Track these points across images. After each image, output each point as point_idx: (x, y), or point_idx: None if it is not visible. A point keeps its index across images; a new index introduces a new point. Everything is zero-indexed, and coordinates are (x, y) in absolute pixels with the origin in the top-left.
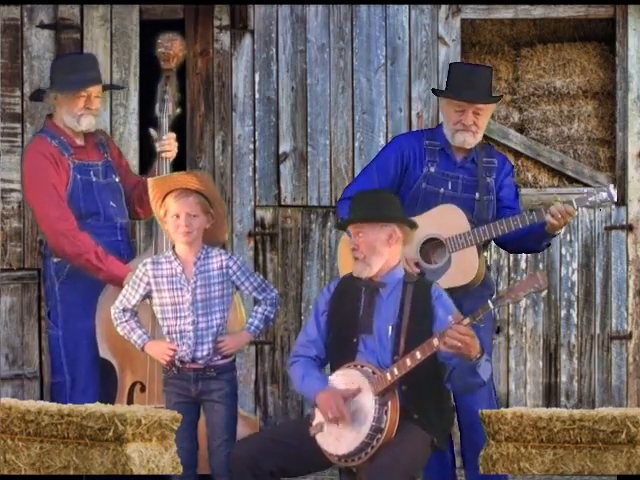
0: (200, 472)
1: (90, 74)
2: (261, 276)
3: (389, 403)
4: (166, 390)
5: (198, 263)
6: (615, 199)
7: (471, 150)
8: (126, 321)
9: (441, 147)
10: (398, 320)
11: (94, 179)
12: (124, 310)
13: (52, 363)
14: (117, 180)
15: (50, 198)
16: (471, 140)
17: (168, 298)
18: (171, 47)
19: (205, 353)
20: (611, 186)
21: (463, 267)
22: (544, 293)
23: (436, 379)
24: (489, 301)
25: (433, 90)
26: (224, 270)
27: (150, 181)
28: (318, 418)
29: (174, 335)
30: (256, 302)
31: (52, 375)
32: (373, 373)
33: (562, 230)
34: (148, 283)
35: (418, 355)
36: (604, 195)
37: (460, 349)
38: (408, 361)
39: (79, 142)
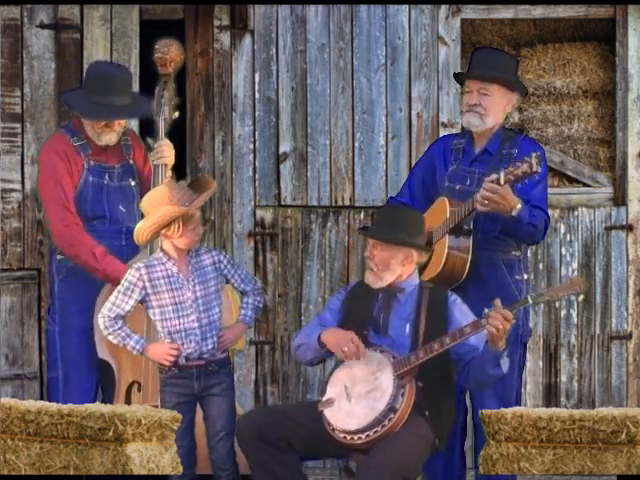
0: (199, 472)
1: (119, 100)
2: (245, 269)
3: (407, 386)
4: (165, 391)
5: (192, 261)
6: (534, 168)
7: (489, 141)
8: (119, 328)
9: (464, 144)
10: (415, 320)
11: (106, 182)
12: (116, 318)
13: (48, 358)
14: (133, 184)
15: (56, 197)
16: (475, 121)
17: (168, 299)
18: (168, 52)
19: (210, 347)
20: (533, 154)
21: (435, 257)
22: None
23: (449, 379)
24: (528, 296)
25: (454, 75)
26: (216, 265)
27: (166, 210)
28: (329, 394)
29: (177, 334)
30: (243, 294)
31: (47, 370)
32: (393, 357)
33: (518, 212)
34: (143, 287)
35: (447, 341)
36: (525, 166)
37: (498, 331)
38: (436, 346)
39: (100, 143)
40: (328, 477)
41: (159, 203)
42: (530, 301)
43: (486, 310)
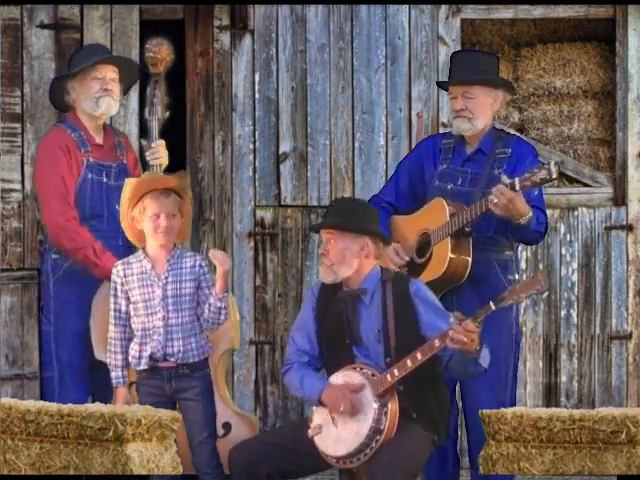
0: (184, 472)
1: (101, 54)
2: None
3: (389, 405)
4: (140, 391)
5: (171, 260)
6: (554, 176)
7: (481, 141)
8: (114, 352)
9: (454, 143)
10: (383, 322)
11: (105, 180)
12: (117, 326)
13: (42, 358)
14: None
15: (56, 190)
16: (465, 126)
17: (139, 295)
18: (159, 52)
19: (176, 350)
20: (552, 162)
21: (436, 260)
22: (545, 294)
23: (434, 376)
24: (491, 302)
25: (437, 84)
26: (196, 269)
27: (129, 181)
28: (317, 420)
29: (144, 332)
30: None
31: (43, 369)
32: (372, 375)
33: (527, 221)
34: (122, 284)
35: (419, 356)
36: (543, 173)
37: (465, 345)
38: (409, 362)
39: (98, 140)
40: (328, 477)
41: None
42: (493, 307)
43: (451, 320)
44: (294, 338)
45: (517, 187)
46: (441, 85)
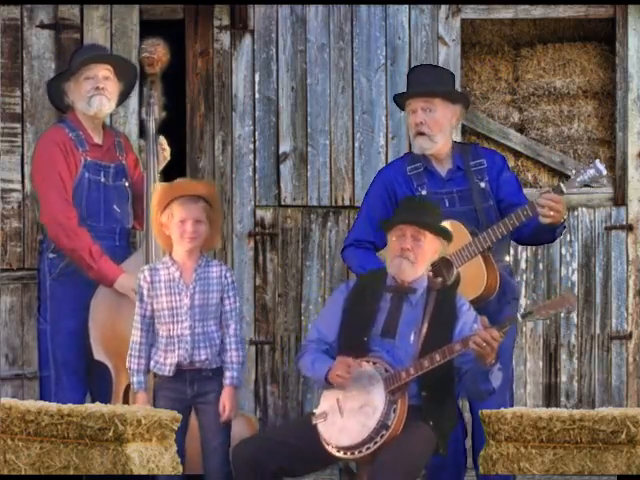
0: (195, 472)
1: (94, 54)
2: (238, 304)
3: (399, 402)
4: (159, 395)
5: (199, 270)
6: (604, 172)
7: (452, 158)
8: (137, 357)
9: (423, 166)
10: (421, 326)
11: (103, 180)
12: (142, 331)
13: (40, 357)
14: (127, 185)
15: (55, 188)
16: (426, 144)
17: (165, 303)
18: (155, 52)
19: (203, 358)
20: (597, 160)
21: (471, 280)
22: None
23: (451, 387)
24: (518, 315)
25: (394, 98)
26: (222, 279)
27: (158, 186)
28: (322, 407)
29: (170, 339)
30: (223, 331)
31: (40, 368)
32: (386, 370)
33: (564, 219)
34: (149, 289)
35: (437, 358)
36: (591, 172)
37: (484, 350)
38: (426, 363)
39: (97, 140)
40: (328, 477)
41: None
42: (520, 319)
43: (475, 326)
44: (319, 328)
45: (564, 190)
46: (398, 98)
